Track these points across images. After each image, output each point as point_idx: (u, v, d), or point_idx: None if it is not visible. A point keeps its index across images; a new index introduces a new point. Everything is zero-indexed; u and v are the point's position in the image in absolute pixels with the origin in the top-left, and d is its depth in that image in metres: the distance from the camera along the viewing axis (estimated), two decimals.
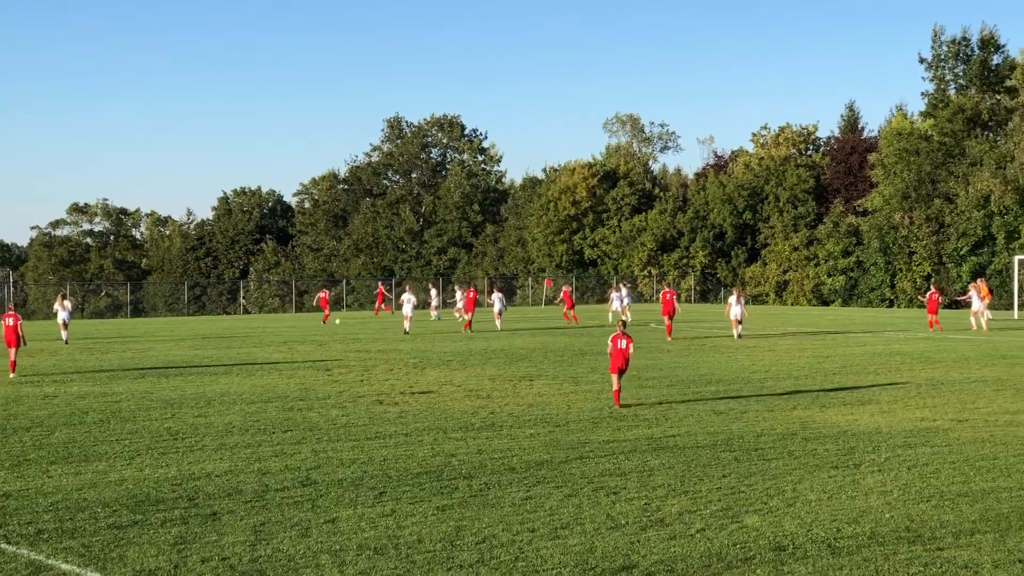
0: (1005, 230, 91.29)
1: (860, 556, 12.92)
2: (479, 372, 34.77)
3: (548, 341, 48.49)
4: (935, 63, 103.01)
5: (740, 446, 20.39)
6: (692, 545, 13.40)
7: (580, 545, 13.44)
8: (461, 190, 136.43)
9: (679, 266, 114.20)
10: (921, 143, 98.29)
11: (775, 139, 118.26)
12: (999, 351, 42.12)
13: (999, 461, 18.76)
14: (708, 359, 38.77)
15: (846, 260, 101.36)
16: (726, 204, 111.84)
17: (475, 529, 14.25)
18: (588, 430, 22.56)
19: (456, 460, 19.11)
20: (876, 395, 28.27)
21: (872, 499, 15.88)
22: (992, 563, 12.58)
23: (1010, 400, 27.30)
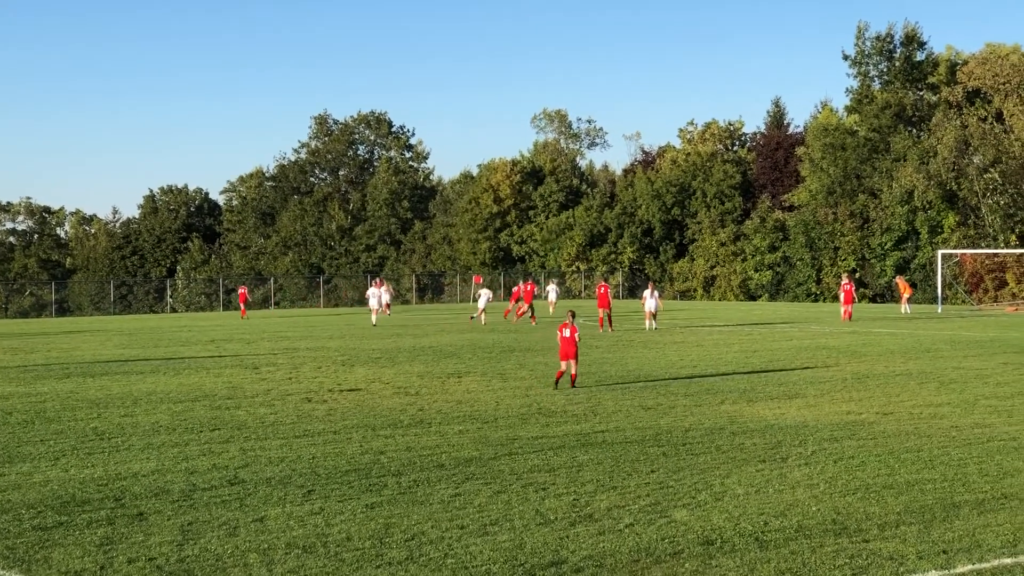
0: (928, 225, 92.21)
1: (787, 549, 13.00)
2: (408, 369, 34.72)
3: (477, 338, 48.49)
4: (859, 59, 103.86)
5: (668, 441, 20.47)
6: (621, 540, 13.42)
7: (509, 541, 13.44)
8: (389, 187, 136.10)
9: (607, 262, 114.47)
10: (847, 138, 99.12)
11: (702, 135, 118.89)
12: (923, 345, 42.53)
13: (923, 453, 18.94)
14: (636, 354, 38.90)
15: (773, 255, 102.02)
16: (654, 200, 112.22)
17: (404, 526, 14.22)
18: (517, 426, 22.57)
19: (385, 457, 19.06)
20: (803, 389, 28.47)
21: (799, 492, 15.98)
22: (916, 554, 12.69)
23: (933, 393, 27.57)
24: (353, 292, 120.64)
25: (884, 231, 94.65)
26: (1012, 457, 18.52)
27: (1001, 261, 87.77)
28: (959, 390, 28.13)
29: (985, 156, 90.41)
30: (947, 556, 12.63)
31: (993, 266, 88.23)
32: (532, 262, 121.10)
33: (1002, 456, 18.63)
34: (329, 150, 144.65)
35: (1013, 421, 22.75)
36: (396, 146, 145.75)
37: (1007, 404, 25.39)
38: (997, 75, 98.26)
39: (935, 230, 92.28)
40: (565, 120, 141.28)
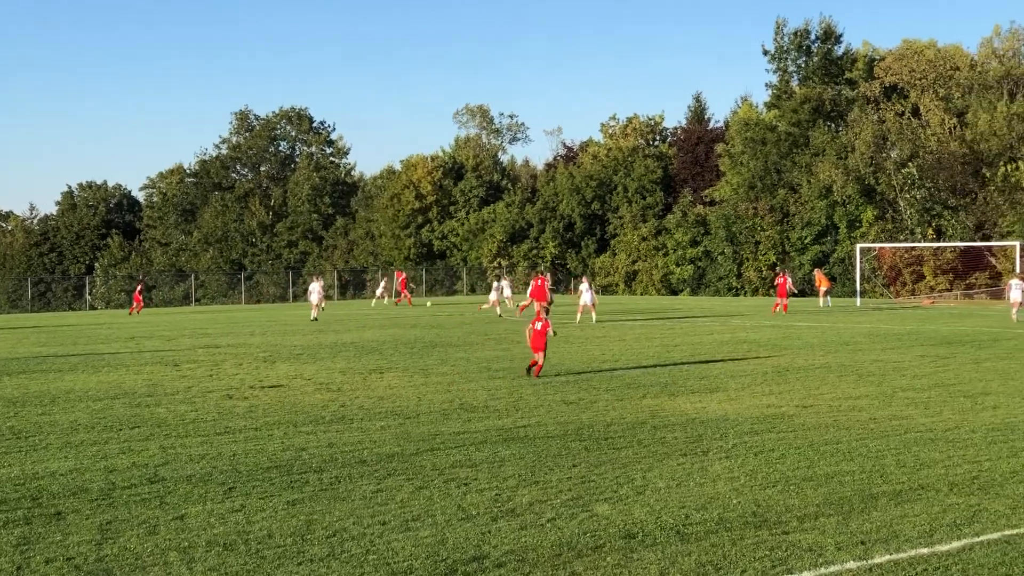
0: (847, 219, 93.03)
1: (708, 542, 13.07)
2: (329, 365, 34.60)
3: (399, 334, 48.40)
4: (778, 55, 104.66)
5: (590, 435, 20.52)
6: (543, 535, 13.45)
7: (431, 537, 13.43)
8: (310, 183, 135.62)
9: (529, 257, 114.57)
10: (767, 133, 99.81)
11: (623, 130, 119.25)
12: (842, 338, 42.89)
13: (842, 445, 19.10)
14: (558, 349, 38.95)
15: (694, 250, 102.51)
16: (575, 195, 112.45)
17: (326, 523, 14.17)
18: (439, 422, 22.55)
19: (306, 454, 18.99)
20: (723, 383, 28.63)
21: (720, 485, 16.07)
22: (835, 545, 12.80)
23: (852, 386, 27.81)
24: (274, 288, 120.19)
25: (804, 225, 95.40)
26: (929, 448, 18.72)
27: (918, 255, 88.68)
28: (877, 383, 28.40)
29: (902, 151, 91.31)
30: (865, 547, 12.75)
31: (911, 260, 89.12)
32: (454, 257, 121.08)
33: (919, 447, 18.82)
34: (250, 146, 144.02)
35: (930, 413, 22.99)
36: (317, 142, 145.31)
37: (924, 396, 25.67)
38: (914, 71, 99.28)
39: (854, 224, 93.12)
40: (487, 115, 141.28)
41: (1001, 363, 33.03)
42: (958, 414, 22.81)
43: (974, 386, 27.50)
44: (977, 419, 22.09)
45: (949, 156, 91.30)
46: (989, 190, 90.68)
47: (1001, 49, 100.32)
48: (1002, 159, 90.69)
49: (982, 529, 13.45)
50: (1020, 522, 13.74)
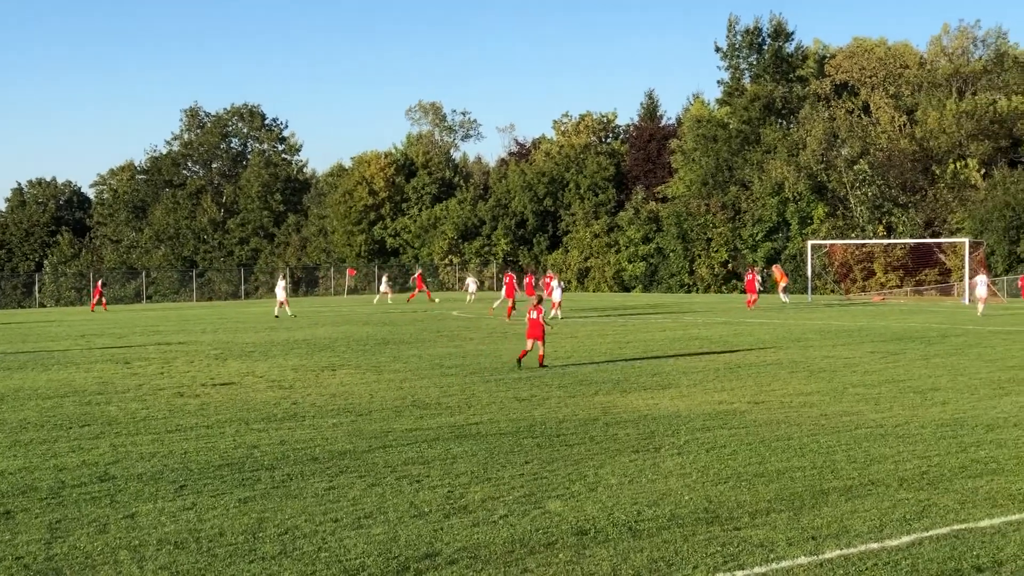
0: (798, 216, 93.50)
1: (660, 538, 13.10)
2: (281, 362, 34.51)
3: (351, 331, 48.31)
4: (730, 52, 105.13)
5: (542, 432, 20.53)
6: (495, 531, 13.45)
7: (383, 534, 13.41)
8: (261, 180, 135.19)
9: (481, 254, 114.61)
10: (719, 130, 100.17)
11: (576, 127, 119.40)
12: (793, 334, 43.08)
13: (793, 441, 19.18)
14: (511, 346, 38.94)
15: (646, 246, 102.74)
16: (527, 192, 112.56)
17: (278, 520, 14.13)
18: (391, 419, 22.52)
19: (258, 451, 18.93)
20: (676, 379, 28.70)
21: (672, 481, 16.11)
22: (787, 541, 12.86)
23: (803, 382, 27.94)
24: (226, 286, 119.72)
25: (755, 222, 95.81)
26: (879, 444, 18.83)
27: (869, 252, 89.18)
28: (828, 379, 28.54)
29: (853, 148, 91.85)
30: (816, 542, 12.81)
31: (861, 256, 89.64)
32: (406, 254, 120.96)
33: (869, 443, 18.92)
34: (202, 143, 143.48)
35: (880, 409, 23.13)
36: (269, 139, 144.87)
37: (874, 392, 25.81)
38: (864, 68, 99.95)
39: (805, 221, 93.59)
40: (440, 112, 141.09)
41: (950, 359, 33.26)
42: (908, 410, 22.95)
43: (923, 382, 27.67)
44: (926, 415, 22.23)
45: (899, 154, 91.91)
46: (939, 187, 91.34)
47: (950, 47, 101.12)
48: (951, 156, 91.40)
49: (931, 524, 13.54)
50: (969, 517, 13.84)
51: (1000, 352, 35.28)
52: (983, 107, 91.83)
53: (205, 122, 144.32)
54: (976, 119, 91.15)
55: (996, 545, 12.60)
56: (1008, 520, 13.67)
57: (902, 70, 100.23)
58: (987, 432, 19.97)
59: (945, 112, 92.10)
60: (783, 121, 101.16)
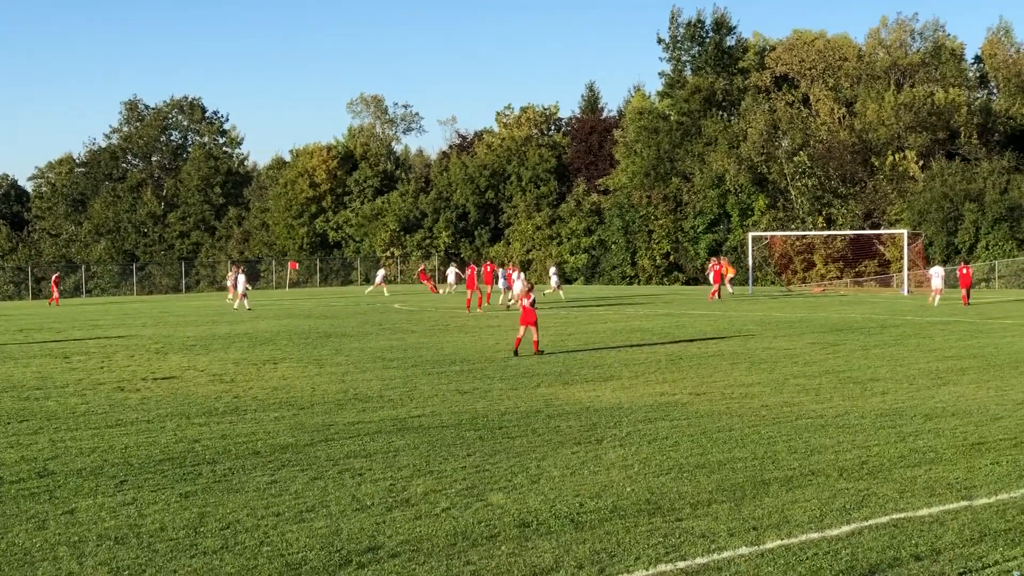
0: (739, 208, 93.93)
1: (602, 529, 13.13)
2: (223, 356, 34.37)
3: (293, 324, 48.17)
4: (672, 44, 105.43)
5: (485, 425, 20.54)
6: (437, 524, 13.44)
7: (326, 528, 13.38)
8: (202, 173, 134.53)
9: (423, 247, 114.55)
10: (660, 122, 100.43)
11: (518, 120, 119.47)
12: (735, 326, 43.27)
13: (734, 432, 19.27)
14: (453, 339, 38.97)
15: (588, 239, 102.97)
16: (469, 184, 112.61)
17: (219, 515, 14.07)
18: (333, 412, 22.48)
19: (199, 446, 18.84)
20: (617, 371, 28.77)
21: (614, 473, 16.15)
22: (728, 531, 12.91)
23: (745, 373, 28.08)
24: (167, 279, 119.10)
25: (696, 214, 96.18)
26: (819, 434, 18.94)
27: (809, 243, 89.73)
28: (769, 370, 28.70)
29: (793, 140, 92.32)
30: (757, 532, 12.87)
31: (802, 248, 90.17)
32: (348, 248, 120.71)
33: (810, 434, 19.04)
34: (141, 136, 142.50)
35: (820, 399, 23.27)
36: (210, 131, 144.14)
37: (815, 383, 25.97)
38: (803, 60, 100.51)
39: (746, 213, 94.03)
40: (381, 105, 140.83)
41: (889, 350, 33.50)
42: (848, 400, 23.11)
43: (863, 372, 27.87)
44: (866, 405, 22.38)
45: (839, 145, 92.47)
46: (878, 179, 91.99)
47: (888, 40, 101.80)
48: (890, 148, 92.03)
49: (871, 513, 13.63)
50: (908, 506, 13.94)
51: (938, 342, 35.58)
52: (921, 99, 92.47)
53: (145, 115, 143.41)
54: (914, 111, 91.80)
55: (935, 534, 12.70)
56: (946, 509, 13.79)
57: (841, 62, 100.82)
58: (925, 422, 20.13)
59: (884, 104, 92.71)
60: (724, 113, 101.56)
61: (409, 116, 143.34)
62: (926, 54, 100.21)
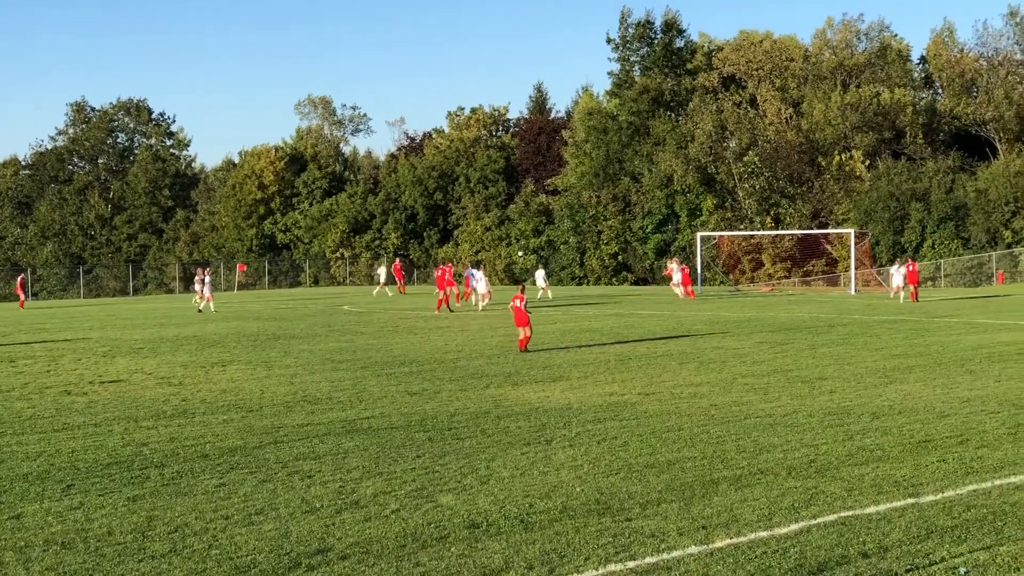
0: (687, 208, 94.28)
1: (552, 530, 13.14)
2: (171, 359, 34.18)
3: (241, 326, 47.97)
4: (622, 44, 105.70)
5: (434, 426, 20.52)
6: (387, 526, 13.42)
7: (275, 530, 13.34)
8: (149, 175, 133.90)
9: (372, 248, 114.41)
10: (609, 122, 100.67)
11: (467, 121, 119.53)
12: (683, 326, 43.39)
13: (683, 432, 19.32)
14: (402, 340, 38.92)
15: (537, 239, 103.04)
16: (417, 186, 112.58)
17: (167, 519, 13.99)
18: (282, 414, 22.41)
19: (147, 449, 18.73)
20: (567, 372, 28.79)
21: (563, 474, 16.16)
22: (677, 530, 12.94)
23: (694, 373, 28.16)
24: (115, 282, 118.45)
25: (645, 215, 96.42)
26: (767, 433, 19.02)
27: (757, 243, 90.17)
28: (718, 369, 28.79)
29: (741, 140, 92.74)
30: (706, 531, 12.91)
31: (749, 248, 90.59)
32: (297, 250, 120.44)
33: (758, 433, 19.11)
34: (88, 138, 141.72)
35: (768, 398, 23.37)
36: (157, 134, 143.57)
37: (763, 382, 26.07)
38: (751, 61, 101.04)
39: (694, 213, 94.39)
40: (329, 107, 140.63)
41: (837, 348, 33.68)
42: (796, 399, 23.22)
43: (811, 371, 28.00)
44: (814, 404, 22.50)
45: (786, 145, 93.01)
46: (825, 179, 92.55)
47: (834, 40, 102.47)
48: (837, 148, 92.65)
49: (819, 511, 13.70)
50: (855, 504, 14.02)
51: (885, 341, 35.79)
52: (867, 99, 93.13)
53: (91, 117, 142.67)
54: (860, 111, 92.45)
55: (882, 531, 12.78)
56: (893, 507, 13.87)
57: (788, 63, 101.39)
58: (873, 420, 20.24)
59: (830, 104, 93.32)
60: (672, 114, 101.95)
61: (357, 117, 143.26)
62: (872, 55, 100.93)
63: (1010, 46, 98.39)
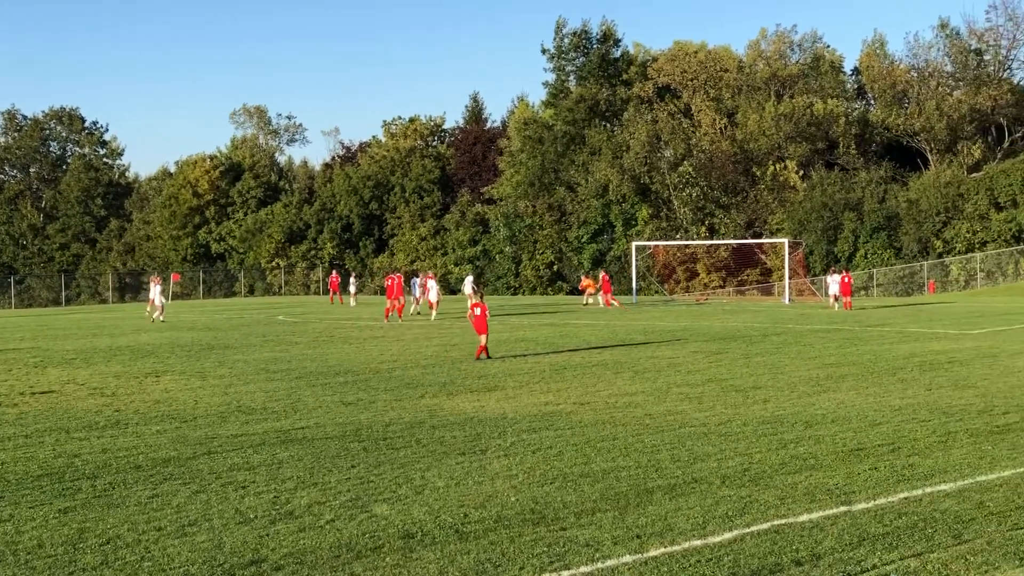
0: (623, 218, 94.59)
1: (487, 540, 13.13)
2: (104, 369, 33.91)
3: (176, 336, 47.66)
4: (558, 54, 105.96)
5: (369, 436, 20.46)
6: (322, 536, 13.37)
7: (208, 542, 13.25)
8: (82, 184, 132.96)
9: (307, 258, 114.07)
10: (545, 132, 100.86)
11: (404, 131, 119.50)
12: (618, 335, 43.51)
13: (618, 441, 19.36)
14: (337, 350, 38.80)
15: (473, 249, 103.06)
16: (353, 195, 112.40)
17: (99, 530, 13.87)
18: (216, 425, 22.27)
19: (79, 460, 18.57)
20: (502, 381, 28.79)
21: (498, 483, 16.16)
22: (612, 539, 12.96)
23: (628, 382, 28.22)
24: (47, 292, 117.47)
25: (580, 224, 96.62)
26: (702, 442, 19.09)
27: (692, 252, 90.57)
28: (652, 379, 28.87)
29: (676, 150, 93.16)
30: (641, 540, 12.94)
31: (684, 257, 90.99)
32: (232, 259, 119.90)
33: (692, 442, 19.18)
34: (19, 146, 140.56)
35: (703, 407, 23.46)
36: (90, 143, 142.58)
37: (697, 391, 26.17)
38: (685, 72, 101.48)
39: (629, 223, 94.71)
40: (264, 116, 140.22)
41: (771, 357, 33.88)
42: (730, 408, 23.32)
43: (745, 380, 28.14)
44: (748, 412, 22.61)
45: (721, 155, 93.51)
46: (759, 189, 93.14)
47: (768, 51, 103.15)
48: (771, 158, 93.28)
49: (752, 520, 13.76)
50: (788, 512, 14.09)
51: (818, 350, 36.03)
52: (800, 110, 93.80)
53: (23, 125, 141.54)
54: (794, 122, 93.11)
55: (814, 539, 12.85)
56: (826, 514, 13.96)
57: (722, 73, 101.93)
58: (806, 429, 20.36)
59: (764, 115, 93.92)
60: (608, 123, 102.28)
61: (292, 127, 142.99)
62: (805, 65, 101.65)
63: (940, 58, 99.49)
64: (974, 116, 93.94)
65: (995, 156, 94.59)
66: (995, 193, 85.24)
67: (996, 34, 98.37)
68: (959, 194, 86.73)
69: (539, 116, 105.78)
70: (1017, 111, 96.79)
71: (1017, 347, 35.63)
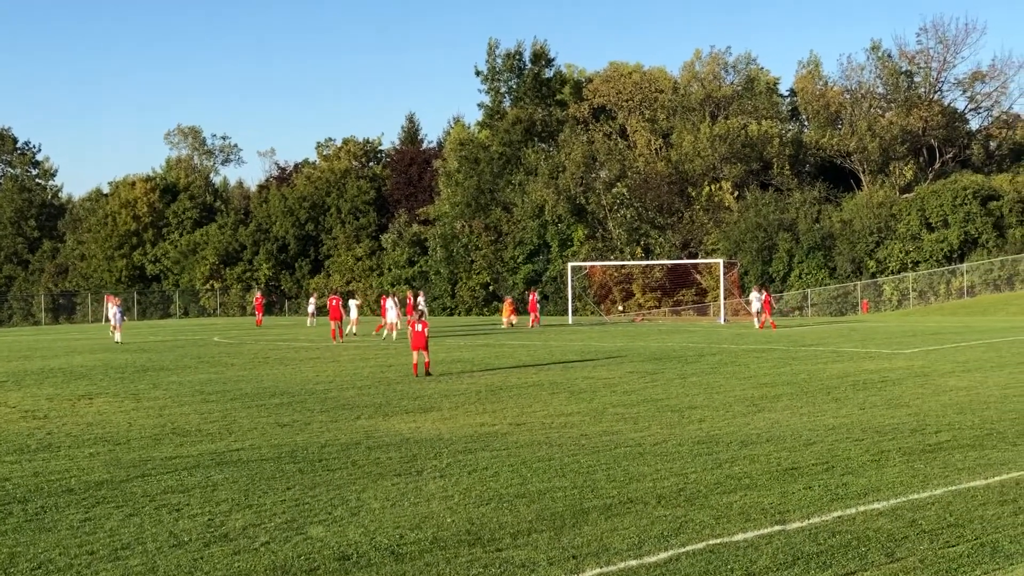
0: (559, 238, 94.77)
1: (423, 561, 13.10)
2: (35, 392, 33.61)
3: (109, 358, 47.30)
4: (491, 75, 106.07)
5: (304, 458, 20.39)
6: (257, 559, 13.30)
7: (142, 565, 13.15)
8: (15, 205, 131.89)
9: (243, 279, 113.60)
10: (481, 152, 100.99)
11: (338, 152, 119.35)
12: (554, 355, 43.56)
13: (554, 462, 19.37)
14: (272, 371, 38.64)
15: (410, 269, 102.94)
16: (288, 216, 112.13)
17: (30, 555, 13.74)
18: (150, 447, 22.12)
19: (10, 484, 18.39)
20: (438, 402, 28.76)
21: (434, 504, 16.13)
22: (548, 560, 12.97)
23: (564, 403, 28.25)
24: None
25: (516, 244, 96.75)
26: (638, 463, 19.12)
27: (628, 273, 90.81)
28: (588, 399, 28.91)
29: (611, 171, 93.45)
30: (576, 561, 12.95)
31: (620, 278, 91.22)
32: (167, 280, 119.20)
33: (628, 462, 19.21)
34: None
35: (639, 428, 23.51)
36: (21, 163, 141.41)
37: (633, 412, 26.23)
38: (620, 92, 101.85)
39: (565, 243, 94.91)
40: (199, 136, 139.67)
41: (706, 377, 34.00)
42: (666, 428, 23.39)
43: (681, 400, 28.24)
44: (684, 432, 22.68)
45: (656, 176, 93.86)
46: (694, 209, 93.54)
47: (702, 73, 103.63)
48: (706, 179, 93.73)
49: (688, 539, 13.80)
50: (723, 532, 14.14)
51: (753, 370, 36.20)
52: (735, 131, 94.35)
53: None
54: (729, 142, 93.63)
55: (749, 558, 12.90)
56: (760, 533, 14.02)
57: (657, 94, 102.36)
58: (741, 448, 20.45)
59: (699, 136, 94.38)
60: (544, 144, 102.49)
61: (227, 147, 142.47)
62: (739, 87, 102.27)
63: (872, 80, 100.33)
64: (906, 137, 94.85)
65: (926, 177, 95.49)
66: (926, 213, 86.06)
67: (927, 56, 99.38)
68: (891, 215, 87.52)
69: (475, 137, 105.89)
70: (947, 132, 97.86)
71: (948, 366, 35.92)
